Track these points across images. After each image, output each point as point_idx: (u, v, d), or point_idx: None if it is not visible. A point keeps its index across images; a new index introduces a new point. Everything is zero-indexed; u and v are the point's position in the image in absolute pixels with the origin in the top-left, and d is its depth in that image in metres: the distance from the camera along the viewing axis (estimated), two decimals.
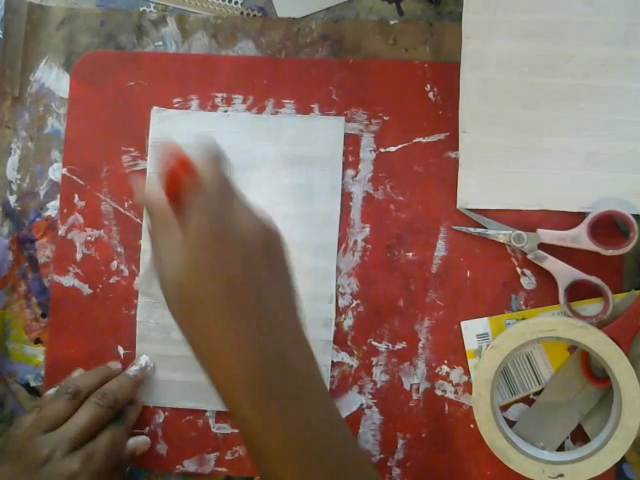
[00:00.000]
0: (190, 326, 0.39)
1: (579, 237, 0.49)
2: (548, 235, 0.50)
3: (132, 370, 0.52)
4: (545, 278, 0.50)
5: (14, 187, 0.55)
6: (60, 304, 0.54)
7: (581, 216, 0.50)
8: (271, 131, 0.53)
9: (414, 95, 0.52)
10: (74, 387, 0.49)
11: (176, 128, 0.53)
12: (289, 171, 0.53)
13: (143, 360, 0.52)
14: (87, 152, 0.54)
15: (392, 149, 0.52)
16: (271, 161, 0.53)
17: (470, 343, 0.51)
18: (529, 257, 0.50)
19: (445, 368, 0.51)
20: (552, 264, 0.50)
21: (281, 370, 0.38)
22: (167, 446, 0.52)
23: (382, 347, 0.51)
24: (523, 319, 0.50)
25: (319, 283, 0.52)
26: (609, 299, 0.48)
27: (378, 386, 0.51)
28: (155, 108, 0.54)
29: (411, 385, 0.51)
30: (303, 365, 0.39)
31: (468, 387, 0.51)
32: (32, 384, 0.54)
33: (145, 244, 0.53)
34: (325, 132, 0.52)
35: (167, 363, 0.52)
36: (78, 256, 0.54)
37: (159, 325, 0.53)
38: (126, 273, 0.53)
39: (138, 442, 0.51)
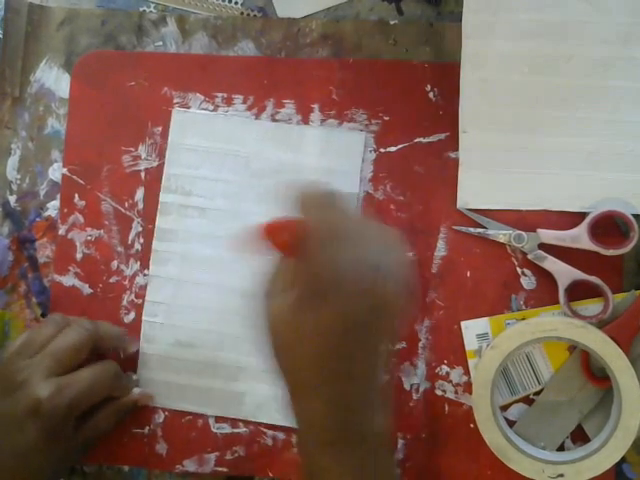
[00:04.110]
0: (284, 368, 0.39)
1: (579, 237, 0.49)
2: (548, 235, 0.50)
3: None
4: (545, 278, 0.50)
5: (14, 187, 0.55)
6: (60, 304, 0.54)
7: (581, 216, 0.50)
8: (292, 140, 0.53)
9: (414, 95, 0.52)
10: (61, 317, 0.50)
11: (197, 130, 0.53)
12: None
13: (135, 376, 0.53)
14: (87, 152, 0.54)
15: (392, 149, 0.52)
16: (289, 170, 0.52)
17: (470, 343, 0.51)
18: (529, 257, 0.50)
19: (445, 368, 0.51)
20: (552, 264, 0.50)
21: (354, 438, 0.38)
22: (167, 446, 0.52)
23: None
24: (523, 319, 0.50)
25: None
26: (609, 299, 0.48)
27: None
28: (176, 109, 0.54)
29: (411, 385, 0.51)
30: (371, 434, 0.39)
31: (468, 387, 0.51)
32: None
33: (158, 244, 0.53)
34: (344, 145, 0.52)
35: (170, 365, 0.52)
36: (78, 256, 0.54)
37: (164, 325, 0.53)
38: (126, 273, 0.53)
39: (144, 393, 0.52)
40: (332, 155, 0.52)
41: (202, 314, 0.52)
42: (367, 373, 0.39)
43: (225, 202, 0.53)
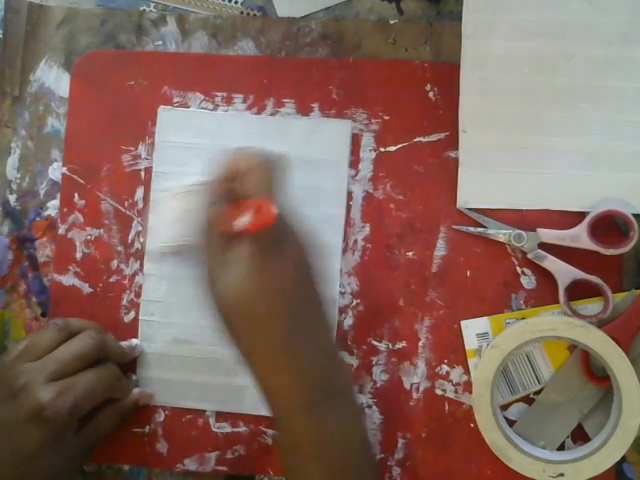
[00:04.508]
0: (245, 338, 0.41)
1: (579, 236, 0.49)
2: (548, 234, 0.50)
3: (122, 343, 0.52)
4: (545, 277, 0.50)
5: (14, 186, 0.55)
6: (60, 303, 0.54)
7: (581, 215, 0.50)
8: (278, 133, 0.53)
9: (414, 95, 0.52)
10: (64, 322, 0.49)
11: (184, 127, 0.53)
12: (295, 173, 0.52)
13: (134, 342, 0.52)
14: (87, 151, 0.54)
15: (392, 148, 0.52)
16: None
17: (470, 342, 0.51)
18: (529, 256, 0.50)
19: (445, 367, 0.51)
20: (552, 263, 0.50)
21: (323, 386, 0.41)
22: (168, 445, 0.52)
23: (382, 346, 0.51)
24: (523, 318, 0.50)
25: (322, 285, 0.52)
26: (609, 298, 0.48)
27: (378, 385, 0.51)
28: (162, 107, 0.54)
29: (411, 384, 0.51)
30: (339, 382, 0.43)
31: (468, 386, 0.51)
32: None
33: (151, 243, 0.53)
34: (332, 135, 0.52)
35: (169, 362, 0.52)
36: (78, 255, 0.54)
37: (161, 323, 0.53)
38: (126, 272, 0.53)
39: (145, 395, 0.52)
40: (319, 145, 0.52)
41: (197, 310, 0.52)
42: (323, 313, 0.42)
43: None
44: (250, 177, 0.40)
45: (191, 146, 0.53)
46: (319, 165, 0.52)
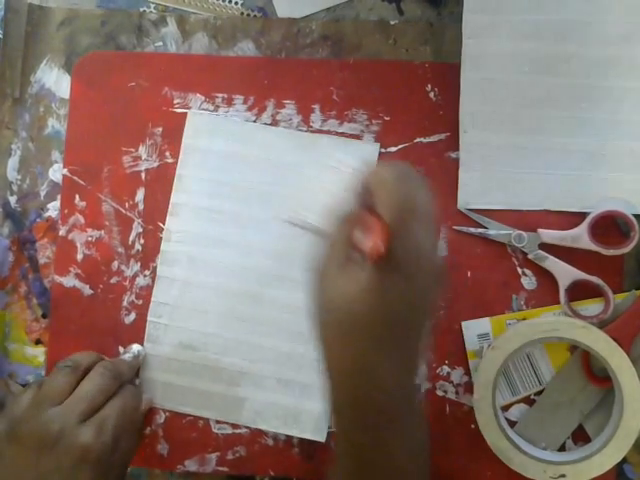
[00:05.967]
0: (332, 346, 0.39)
1: (580, 237, 0.49)
2: (549, 235, 0.50)
3: (126, 356, 0.52)
4: (546, 278, 0.50)
5: (14, 188, 0.55)
6: (61, 304, 0.54)
7: (582, 216, 0.50)
8: (305, 148, 0.52)
9: (415, 95, 0.52)
10: (73, 361, 0.49)
11: (212, 133, 0.53)
12: (317, 190, 0.52)
13: (135, 349, 0.52)
14: (88, 152, 0.54)
15: (393, 149, 0.52)
16: (301, 178, 0.52)
17: (471, 343, 0.51)
18: (530, 257, 0.50)
19: (446, 368, 0.51)
20: (553, 264, 0.50)
21: (396, 405, 0.39)
22: (168, 446, 0.52)
23: None
24: (524, 319, 0.50)
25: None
26: (610, 299, 0.48)
27: None
28: (191, 111, 0.53)
29: None
30: (411, 403, 0.41)
31: (469, 387, 0.51)
32: None
33: (166, 245, 0.53)
34: (358, 157, 0.52)
35: (172, 366, 0.52)
36: (79, 256, 0.54)
37: (169, 327, 0.53)
38: (127, 273, 0.53)
39: (146, 400, 0.52)
40: (343, 166, 0.52)
41: (207, 317, 0.52)
42: (421, 344, 0.40)
43: (234, 206, 0.53)
44: (380, 193, 0.37)
45: (218, 152, 0.53)
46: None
